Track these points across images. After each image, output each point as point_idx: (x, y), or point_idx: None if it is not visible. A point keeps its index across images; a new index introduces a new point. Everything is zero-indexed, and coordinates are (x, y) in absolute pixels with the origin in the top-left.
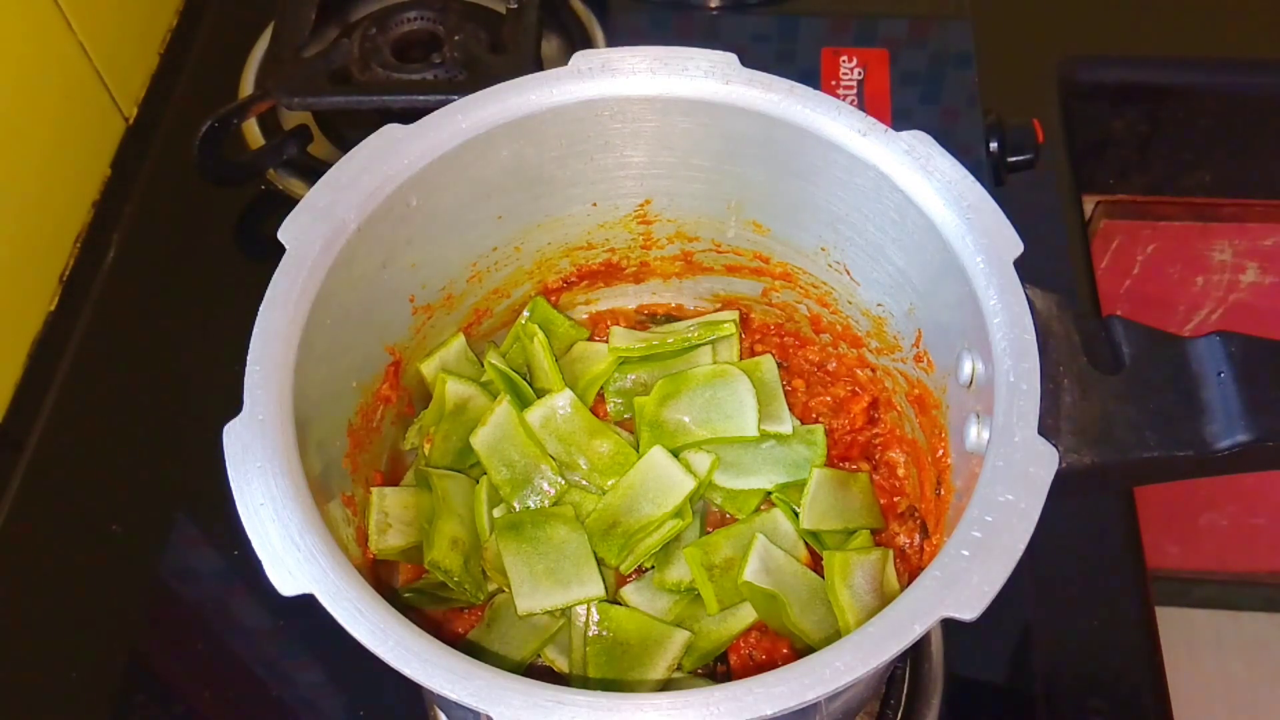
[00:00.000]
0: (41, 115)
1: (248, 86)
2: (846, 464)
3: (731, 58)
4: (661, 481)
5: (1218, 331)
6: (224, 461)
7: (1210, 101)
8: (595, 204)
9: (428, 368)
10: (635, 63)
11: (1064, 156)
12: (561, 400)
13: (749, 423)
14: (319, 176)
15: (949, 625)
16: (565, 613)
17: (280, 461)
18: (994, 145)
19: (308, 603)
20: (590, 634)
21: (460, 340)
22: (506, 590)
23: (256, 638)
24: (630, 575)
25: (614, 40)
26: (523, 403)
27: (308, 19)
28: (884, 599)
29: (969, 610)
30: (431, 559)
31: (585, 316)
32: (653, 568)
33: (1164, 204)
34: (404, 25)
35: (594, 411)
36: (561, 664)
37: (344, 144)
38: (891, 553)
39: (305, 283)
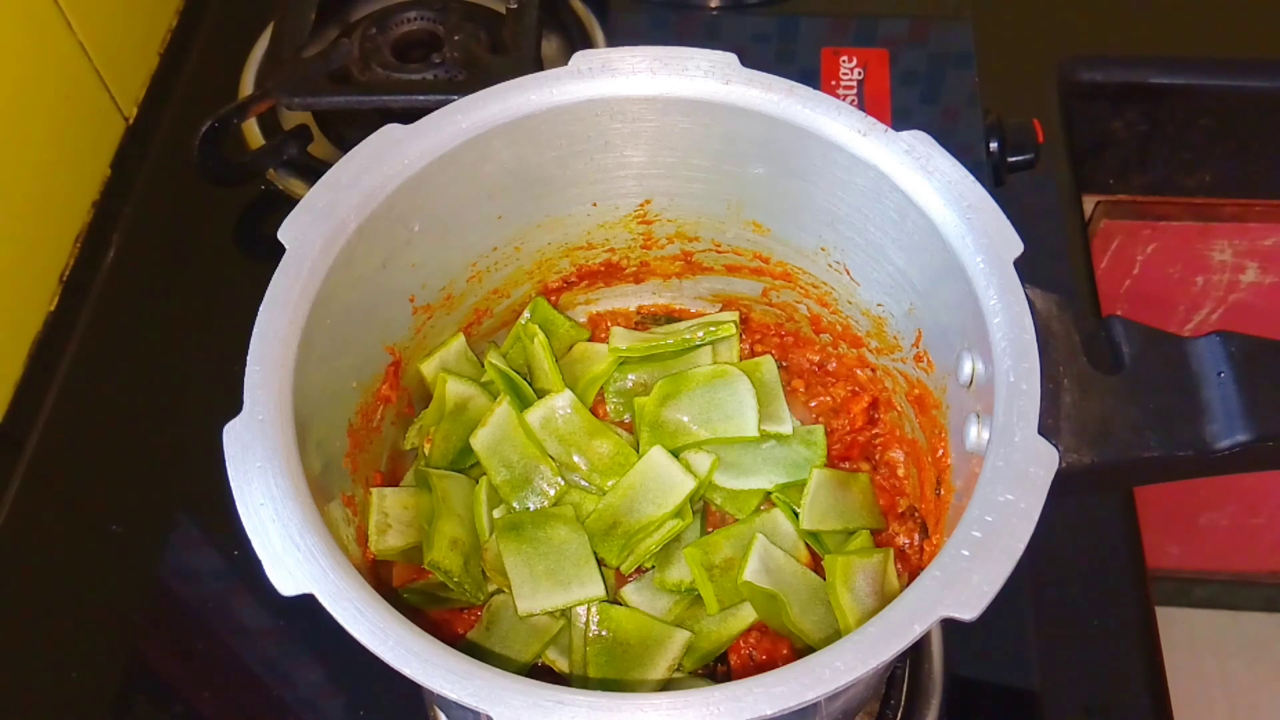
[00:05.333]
0: (41, 115)
1: (248, 86)
2: (846, 464)
3: (731, 58)
4: (661, 482)
5: (1218, 331)
6: (224, 461)
7: (1210, 101)
8: (595, 204)
9: (428, 368)
10: (635, 63)
11: (1064, 156)
12: (561, 401)
13: (749, 423)
14: (319, 176)
15: (949, 625)
16: (565, 613)
17: (280, 461)
18: (994, 145)
19: (308, 603)
20: (590, 634)
21: (460, 340)
22: (506, 591)
23: (256, 638)
24: (630, 575)
25: (614, 40)
26: (523, 403)
27: (308, 19)
28: (885, 601)
29: (969, 610)
30: (431, 559)
31: (585, 318)
32: (653, 568)
33: (1164, 204)
34: (404, 25)
35: (594, 412)
36: (562, 664)
37: (344, 144)
38: (892, 554)
39: (305, 283)
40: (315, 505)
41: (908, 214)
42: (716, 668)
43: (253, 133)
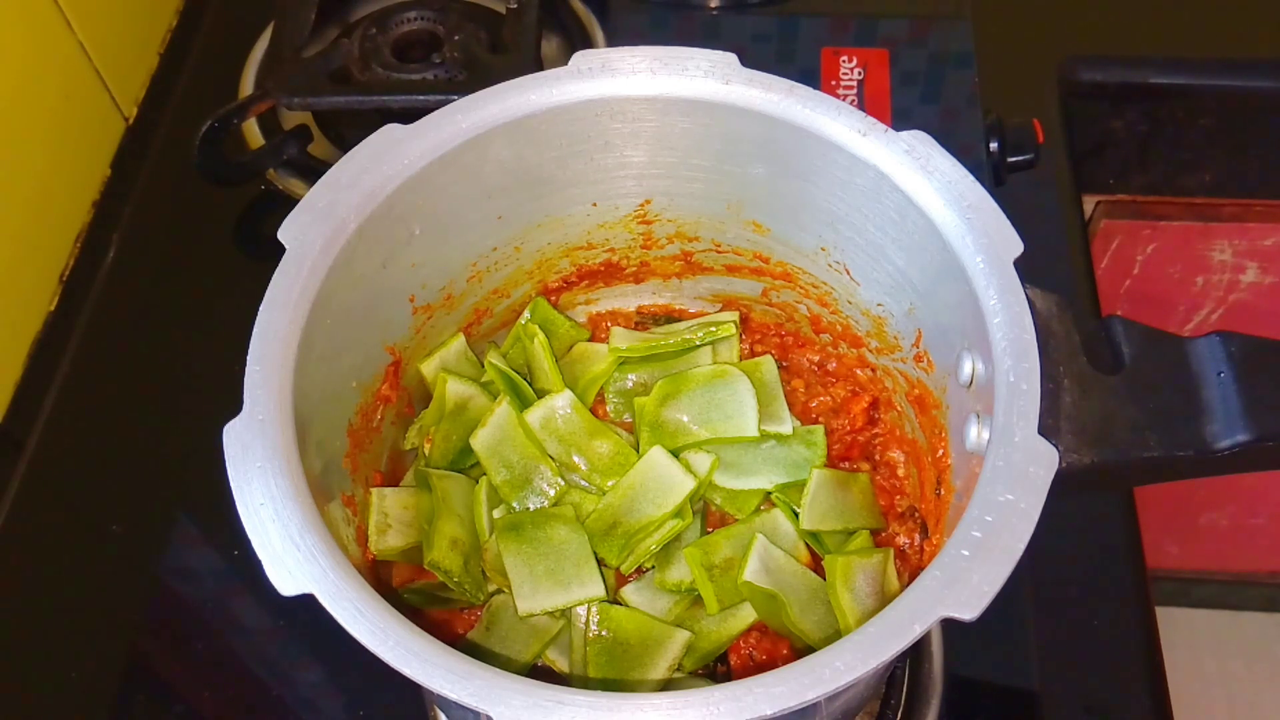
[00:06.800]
0: (41, 115)
1: (248, 86)
2: (846, 464)
3: (731, 58)
4: (661, 482)
5: (1218, 331)
6: (224, 461)
7: (1210, 101)
8: (595, 204)
9: (428, 368)
10: (635, 63)
11: (1064, 156)
12: (561, 401)
13: (749, 423)
14: (319, 176)
15: (949, 625)
16: (565, 613)
17: (280, 461)
18: (994, 145)
19: (308, 603)
20: (590, 634)
21: (460, 340)
22: (506, 591)
23: (256, 638)
24: (630, 575)
25: (614, 40)
26: (523, 403)
27: (308, 19)
28: (885, 601)
29: (969, 610)
30: (431, 559)
31: (585, 318)
32: (653, 568)
33: (1164, 204)
34: (404, 25)
35: (594, 412)
36: (562, 664)
37: (344, 144)
38: (892, 554)
39: (305, 283)
40: (315, 505)
41: (908, 214)
42: (716, 668)
43: (253, 133)
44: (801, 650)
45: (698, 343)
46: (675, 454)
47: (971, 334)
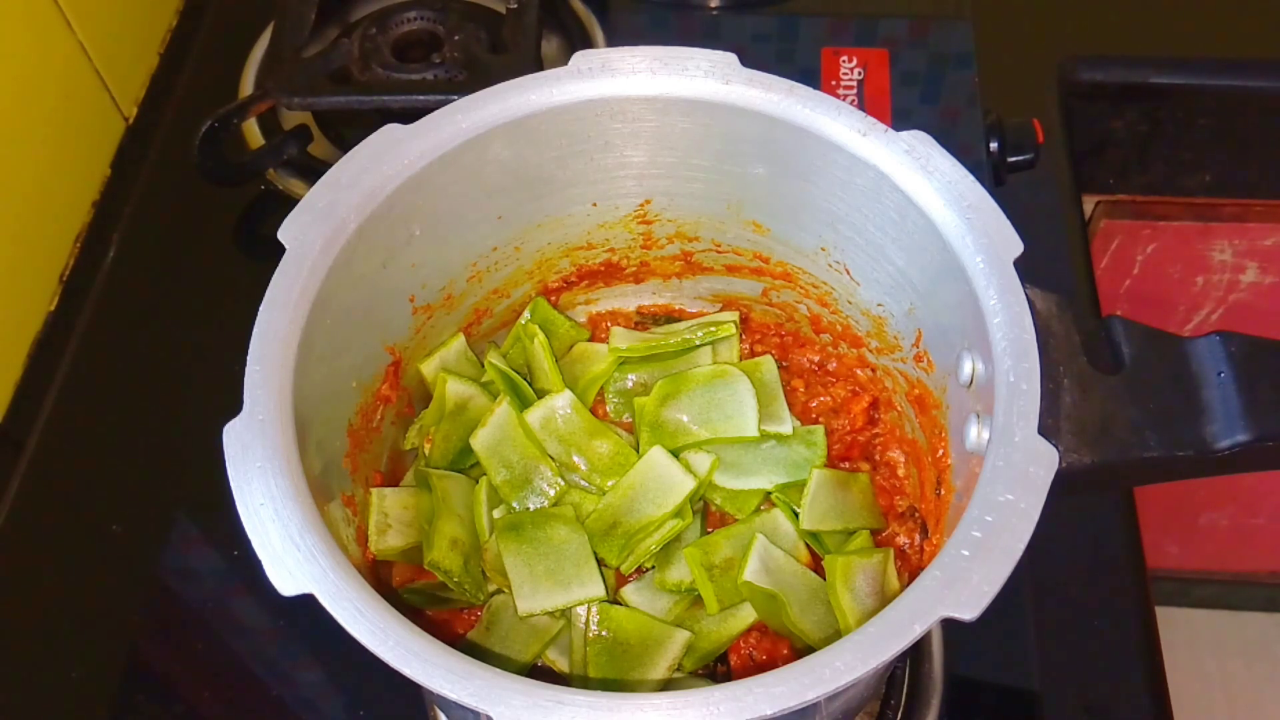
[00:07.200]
0: (41, 115)
1: (248, 86)
2: (846, 464)
3: (731, 58)
4: (661, 482)
5: (1218, 331)
6: (224, 461)
7: (1210, 101)
8: (595, 204)
9: (428, 368)
10: (635, 63)
11: (1064, 156)
12: (561, 401)
13: (749, 423)
14: (319, 176)
15: (949, 625)
16: (565, 613)
17: (280, 461)
18: (994, 145)
19: (308, 603)
20: (590, 634)
21: (460, 340)
22: (506, 591)
23: (256, 638)
24: (630, 575)
25: (614, 40)
26: (523, 403)
27: (308, 19)
28: (885, 601)
29: (969, 610)
30: (431, 559)
31: (585, 318)
32: (653, 568)
33: (1164, 204)
34: (404, 25)
35: (594, 412)
36: (562, 664)
37: (344, 144)
38: (892, 554)
39: (305, 283)
40: (315, 505)
41: (908, 214)
42: (716, 668)
43: (253, 133)
44: (801, 650)
45: (698, 343)
46: (675, 454)
47: (971, 334)
